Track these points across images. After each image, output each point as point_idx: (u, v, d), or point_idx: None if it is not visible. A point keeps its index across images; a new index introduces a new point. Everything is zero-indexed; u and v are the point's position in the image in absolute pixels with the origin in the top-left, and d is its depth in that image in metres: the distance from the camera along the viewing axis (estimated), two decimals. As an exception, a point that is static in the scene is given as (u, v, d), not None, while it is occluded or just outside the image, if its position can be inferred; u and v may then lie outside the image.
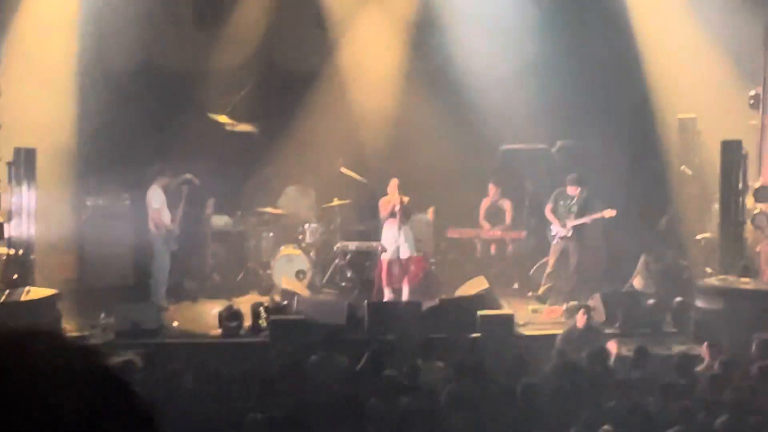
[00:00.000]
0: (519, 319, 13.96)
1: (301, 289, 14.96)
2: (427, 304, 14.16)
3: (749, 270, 14.36)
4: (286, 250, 15.83)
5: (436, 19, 18.50)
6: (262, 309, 13.58)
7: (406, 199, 15.15)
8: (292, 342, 12.29)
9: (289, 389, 10.45)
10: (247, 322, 13.51)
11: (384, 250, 15.03)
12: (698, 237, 16.14)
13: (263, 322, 13.35)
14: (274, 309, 13.71)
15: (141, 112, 17.31)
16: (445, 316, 13.54)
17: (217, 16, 18.18)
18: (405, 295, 14.90)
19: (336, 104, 18.08)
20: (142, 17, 17.79)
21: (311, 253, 15.79)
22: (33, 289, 13.67)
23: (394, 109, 17.85)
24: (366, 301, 14.08)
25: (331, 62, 18.40)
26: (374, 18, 18.33)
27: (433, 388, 10.62)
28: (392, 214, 14.97)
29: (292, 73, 18.21)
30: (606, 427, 8.82)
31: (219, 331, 13.43)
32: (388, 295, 14.95)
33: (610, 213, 15.27)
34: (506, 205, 16.52)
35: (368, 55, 18.45)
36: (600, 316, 13.81)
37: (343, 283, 15.82)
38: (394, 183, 15.08)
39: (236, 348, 12.92)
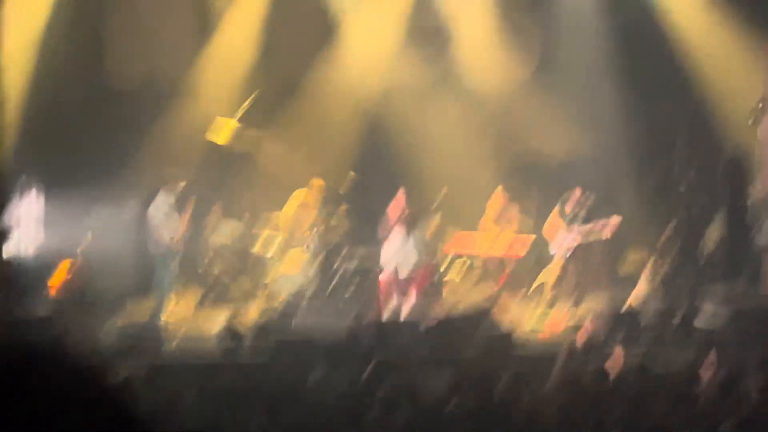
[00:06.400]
0: (520, 335, 13.91)
1: (300, 306, 14.97)
2: (427, 322, 14.15)
3: (754, 281, 14.38)
4: (288, 265, 15.79)
5: (443, 23, 18.60)
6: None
7: (410, 209, 15.13)
8: (292, 359, 12.26)
9: (289, 407, 10.41)
10: (248, 340, 13.45)
11: (385, 266, 15.00)
12: (704, 243, 16.11)
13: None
14: (274, 326, 13.67)
15: (145, 121, 17.38)
16: (447, 333, 13.51)
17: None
18: (406, 312, 14.87)
19: (343, 111, 18.13)
20: (144, 25, 17.91)
21: (313, 269, 15.75)
22: (35, 302, 13.64)
23: (403, 114, 17.88)
24: (367, 318, 14.06)
25: (338, 68, 18.44)
26: (379, 21, 18.37)
27: (434, 405, 10.59)
28: (400, 221, 14.92)
29: (297, 79, 18.25)
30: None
31: (219, 348, 13.38)
32: (389, 312, 14.92)
33: (615, 220, 15.27)
34: (512, 214, 16.48)
35: (376, 60, 18.51)
36: (603, 327, 13.76)
37: (345, 300, 15.79)
38: (401, 192, 15.07)
39: (237, 366, 12.87)
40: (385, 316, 14.84)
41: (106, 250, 15.80)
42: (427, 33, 18.62)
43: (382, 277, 14.90)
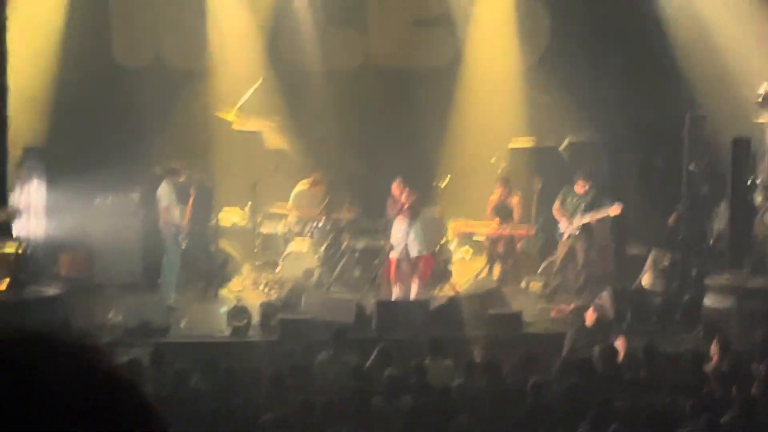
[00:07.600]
0: (527, 317, 13.92)
1: (308, 288, 14.97)
2: (435, 302, 14.15)
3: (758, 267, 14.34)
4: (295, 247, 15.79)
5: (443, 15, 18.53)
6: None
7: (413, 196, 15.10)
8: (300, 340, 12.28)
9: (297, 388, 10.44)
10: (256, 321, 13.48)
11: (392, 248, 14.99)
12: (706, 234, 16.09)
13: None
14: (282, 307, 13.69)
15: (150, 108, 17.36)
16: (454, 315, 13.52)
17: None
18: (413, 294, 14.87)
19: (345, 101, 18.08)
20: (150, 12, 17.86)
21: (320, 251, 15.74)
22: (41, 287, 13.66)
23: (401, 105, 17.82)
24: (374, 300, 14.06)
25: (339, 59, 18.39)
26: (383, 14, 18.32)
27: (442, 386, 10.61)
28: (401, 212, 14.93)
29: (300, 70, 18.21)
30: (615, 426, 8.80)
31: (227, 329, 13.41)
32: (396, 294, 14.91)
33: (616, 210, 15.22)
34: (514, 202, 16.47)
35: (377, 51, 18.46)
36: (609, 313, 13.77)
37: (352, 282, 15.78)
38: (397, 182, 15.04)
39: (244, 346, 12.89)
40: (395, 295, 14.84)
41: (114, 234, 15.83)
42: (437, 17, 18.56)
43: (392, 256, 14.90)
